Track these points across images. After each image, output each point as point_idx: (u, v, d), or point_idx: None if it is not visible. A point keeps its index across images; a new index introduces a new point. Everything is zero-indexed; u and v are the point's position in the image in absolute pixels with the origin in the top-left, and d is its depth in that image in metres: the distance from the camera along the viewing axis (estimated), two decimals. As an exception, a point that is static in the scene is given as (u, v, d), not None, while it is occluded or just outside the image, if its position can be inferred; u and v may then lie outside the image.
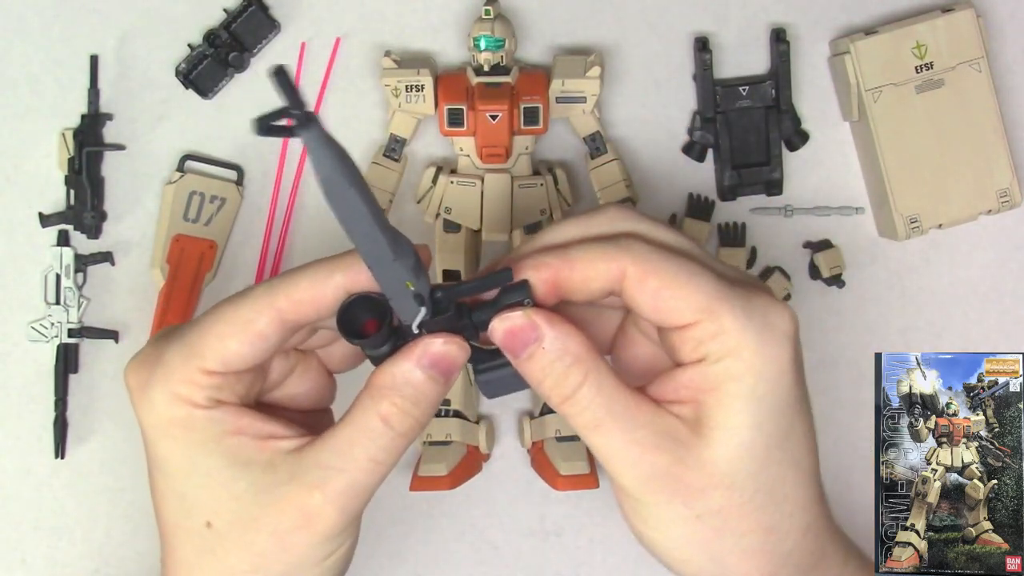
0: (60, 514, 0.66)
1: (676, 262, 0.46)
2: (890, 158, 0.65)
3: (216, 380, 0.47)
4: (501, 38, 0.63)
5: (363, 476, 0.46)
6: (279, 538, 0.46)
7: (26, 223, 0.66)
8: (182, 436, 0.47)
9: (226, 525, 0.47)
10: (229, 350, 0.46)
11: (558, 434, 0.64)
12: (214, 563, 0.47)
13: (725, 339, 0.45)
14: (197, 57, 0.65)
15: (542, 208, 0.64)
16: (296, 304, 0.46)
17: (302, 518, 0.46)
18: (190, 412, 0.46)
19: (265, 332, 0.46)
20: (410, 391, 0.46)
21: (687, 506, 0.46)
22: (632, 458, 0.46)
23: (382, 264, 0.44)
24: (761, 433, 0.46)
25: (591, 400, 0.46)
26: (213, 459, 0.47)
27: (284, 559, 0.46)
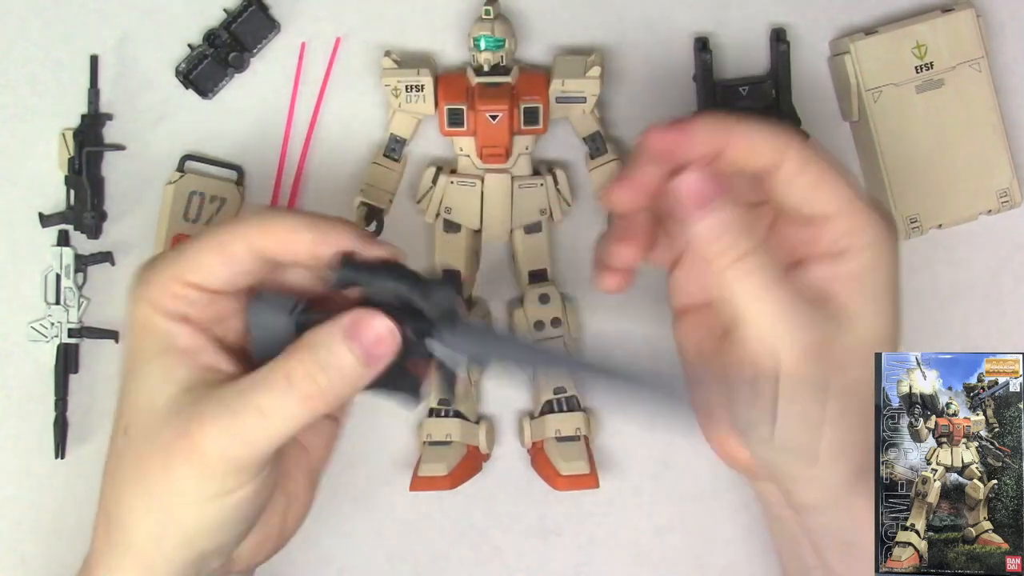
0: (60, 514, 0.66)
1: (828, 158, 0.50)
2: (890, 158, 0.65)
3: (190, 292, 0.48)
4: (501, 38, 0.63)
5: (248, 424, 0.46)
6: (165, 460, 0.47)
7: (26, 223, 0.66)
8: (139, 339, 0.49)
9: (135, 434, 0.48)
10: (203, 263, 0.48)
11: (558, 434, 0.64)
12: (118, 471, 0.49)
13: (864, 234, 0.50)
14: (197, 57, 0.65)
15: (542, 208, 0.64)
16: (267, 241, 0.48)
17: (186, 446, 0.46)
18: (152, 317, 0.48)
19: (238, 255, 0.48)
20: (324, 355, 0.46)
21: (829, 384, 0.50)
22: (791, 328, 0.49)
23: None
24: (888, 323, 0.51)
25: (761, 265, 0.49)
26: (151, 368, 0.48)
27: (166, 483, 0.47)
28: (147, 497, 0.48)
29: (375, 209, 0.65)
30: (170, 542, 0.48)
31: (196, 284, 0.48)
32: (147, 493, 0.48)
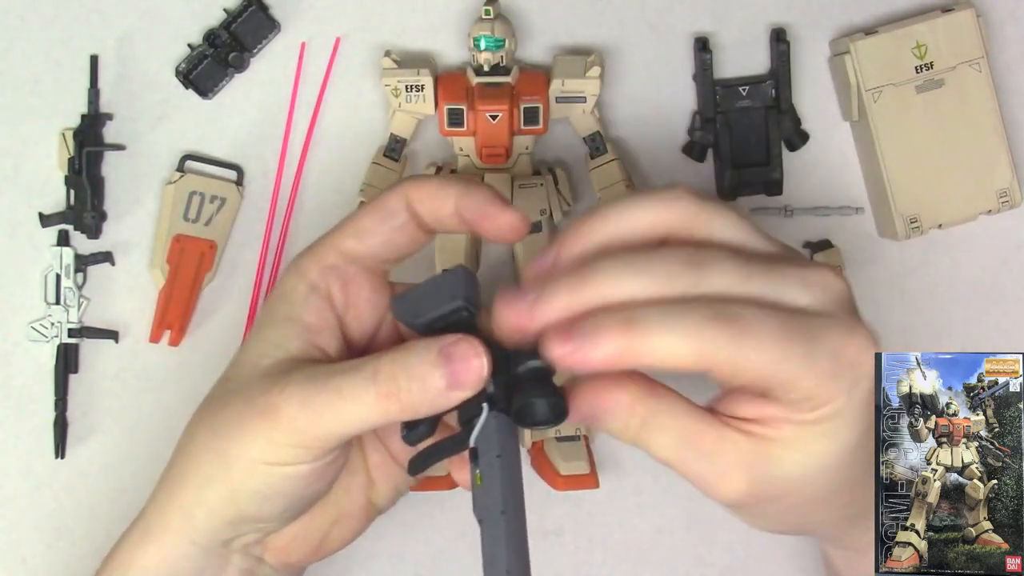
0: (60, 514, 0.66)
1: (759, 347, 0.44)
2: (890, 158, 0.65)
3: (341, 263, 0.51)
4: (501, 38, 0.63)
5: (323, 400, 0.47)
6: (241, 412, 0.48)
7: (26, 223, 0.66)
8: (276, 302, 0.51)
9: (231, 386, 0.50)
10: (363, 224, 0.51)
11: (558, 434, 0.64)
12: (203, 410, 0.51)
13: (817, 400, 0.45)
14: (197, 57, 0.65)
15: (542, 208, 0.64)
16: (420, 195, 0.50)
17: (263, 404, 0.47)
18: (296, 285, 0.50)
19: (395, 208, 0.50)
20: (413, 361, 0.47)
21: (765, 512, 0.49)
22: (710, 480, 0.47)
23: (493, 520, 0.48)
24: (840, 457, 0.47)
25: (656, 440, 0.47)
26: (270, 332, 0.50)
27: (235, 432, 0.48)
28: (213, 440, 0.49)
29: (375, 209, 0.65)
30: (216, 490, 0.49)
31: (352, 251, 0.50)
32: (214, 436, 0.49)
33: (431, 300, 0.49)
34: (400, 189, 0.50)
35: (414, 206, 0.50)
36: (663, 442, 0.47)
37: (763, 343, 0.43)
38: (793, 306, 0.45)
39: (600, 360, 0.44)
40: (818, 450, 0.46)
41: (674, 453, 0.47)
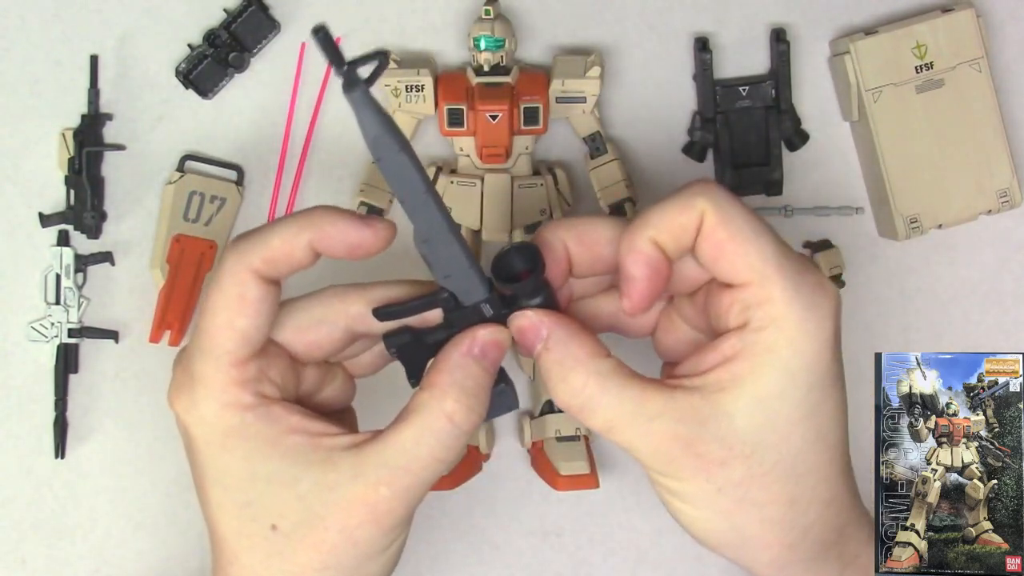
0: (60, 514, 0.66)
1: (744, 217, 0.46)
2: (890, 158, 0.65)
3: (250, 371, 0.48)
4: (501, 38, 0.63)
5: (427, 474, 0.47)
6: (347, 534, 0.47)
7: (26, 223, 0.66)
8: (240, 445, 0.47)
9: (292, 526, 0.47)
10: (236, 327, 0.47)
11: (558, 434, 0.64)
12: (282, 564, 0.48)
13: (771, 308, 0.46)
14: (197, 57, 0.65)
15: (542, 208, 0.64)
16: (270, 263, 0.47)
17: (369, 514, 0.47)
18: (242, 417, 0.47)
19: (252, 295, 0.47)
20: (470, 384, 0.48)
21: (709, 480, 0.47)
22: (651, 447, 0.47)
23: (438, 235, 0.46)
24: (786, 405, 0.46)
25: (596, 402, 0.47)
26: (274, 462, 0.47)
27: (353, 553, 0.47)
28: (334, 573, 0.48)
29: (375, 209, 0.65)
30: None
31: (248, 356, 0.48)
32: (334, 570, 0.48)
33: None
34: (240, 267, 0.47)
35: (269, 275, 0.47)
36: (606, 402, 0.47)
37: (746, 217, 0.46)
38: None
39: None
40: (766, 389, 0.46)
41: (618, 418, 0.47)
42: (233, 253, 0.48)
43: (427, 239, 0.46)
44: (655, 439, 0.47)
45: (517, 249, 0.48)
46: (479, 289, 0.48)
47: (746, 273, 0.46)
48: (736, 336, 0.47)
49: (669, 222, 0.47)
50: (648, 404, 0.47)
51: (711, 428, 0.46)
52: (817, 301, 0.47)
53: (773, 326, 0.46)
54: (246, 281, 0.47)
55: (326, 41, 0.41)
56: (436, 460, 0.47)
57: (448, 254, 0.47)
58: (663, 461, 0.47)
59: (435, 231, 0.46)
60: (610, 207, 0.65)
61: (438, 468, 0.48)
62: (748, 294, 0.46)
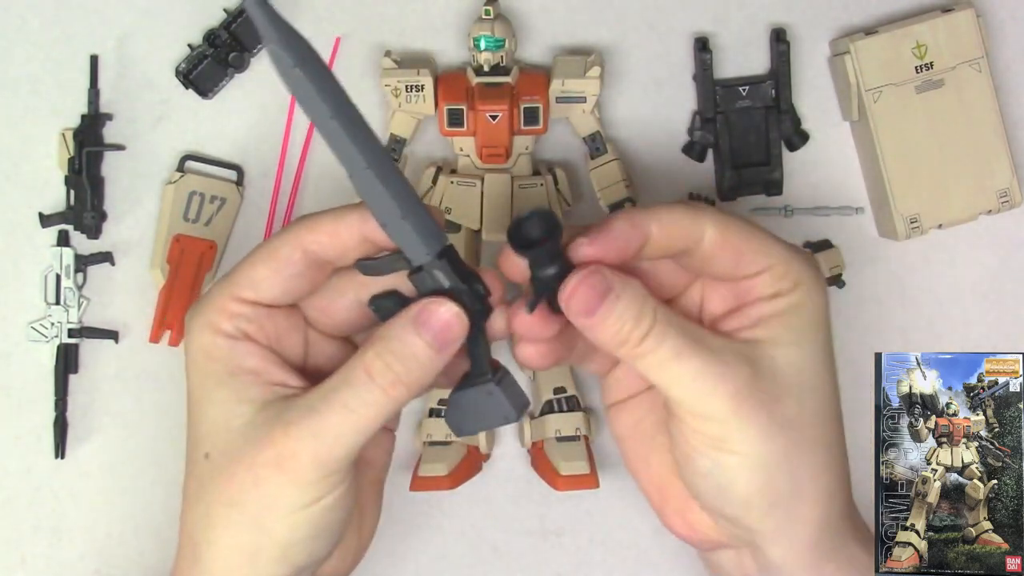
0: (60, 514, 0.66)
1: (748, 225, 0.51)
2: (890, 158, 0.65)
3: (247, 310, 0.49)
4: (501, 38, 0.63)
5: (336, 421, 0.47)
6: (253, 473, 0.47)
7: (26, 223, 0.66)
8: (204, 366, 0.49)
9: (218, 456, 0.49)
10: (258, 275, 0.49)
11: (558, 434, 0.64)
12: (203, 494, 0.49)
13: (795, 276, 0.50)
14: (197, 57, 0.65)
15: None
16: (315, 235, 0.49)
17: (275, 456, 0.47)
18: (214, 341, 0.49)
19: (290, 258, 0.49)
20: (396, 345, 0.47)
21: (770, 416, 0.48)
22: (717, 374, 0.48)
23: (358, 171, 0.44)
24: (819, 354, 0.50)
25: (666, 333, 0.48)
26: (222, 392, 0.49)
27: (257, 497, 0.47)
28: (237, 515, 0.48)
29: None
30: (265, 557, 0.48)
31: (251, 299, 0.49)
32: (239, 511, 0.48)
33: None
34: (292, 235, 0.49)
35: (312, 249, 0.49)
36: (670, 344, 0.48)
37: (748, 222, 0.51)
38: None
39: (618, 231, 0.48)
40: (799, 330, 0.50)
41: (671, 368, 0.48)
42: (292, 222, 0.50)
43: (351, 174, 0.43)
44: (721, 367, 0.48)
45: (535, 216, 0.46)
46: (419, 246, 0.46)
47: (767, 261, 0.50)
48: (766, 303, 0.50)
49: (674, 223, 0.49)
50: (712, 338, 0.49)
51: (765, 367, 0.49)
52: (814, 269, 0.51)
53: (798, 289, 0.50)
54: (287, 243, 0.49)
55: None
56: (344, 407, 0.47)
57: (375, 196, 0.44)
58: (730, 394, 0.48)
59: (354, 165, 0.42)
60: (610, 207, 0.65)
61: (348, 419, 0.47)
62: (772, 273, 0.50)
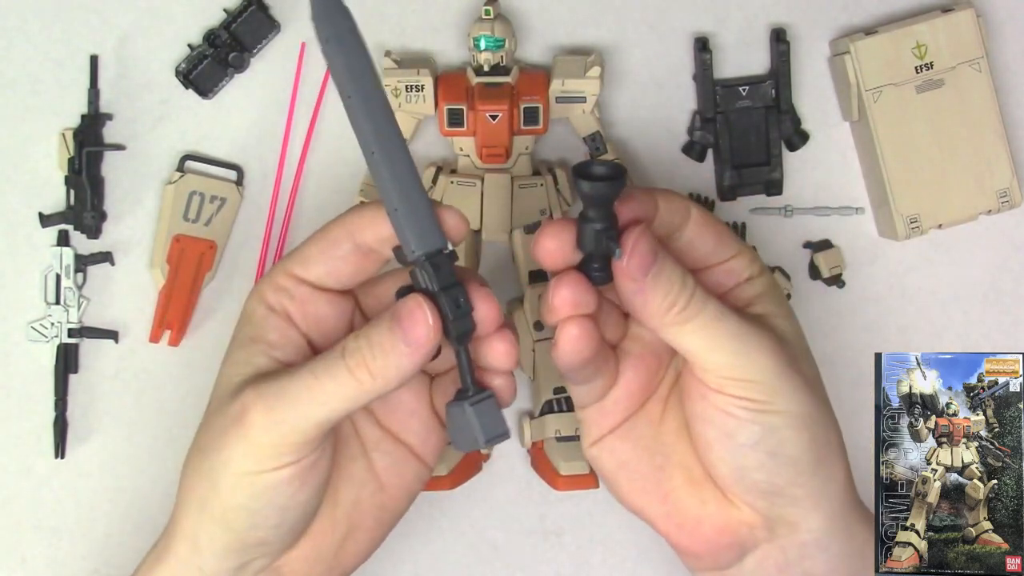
0: (60, 514, 0.66)
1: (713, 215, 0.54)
2: (890, 158, 0.65)
3: (291, 285, 0.51)
4: (501, 38, 0.63)
5: (297, 387, 0.48)
6: (220, 426, 0.49)
7: (26, 223, 0.66)
8: (241, 326, 0.52)
9: (211, 409, 0.51)
10: (309, 253, 0.51)
11: (558, 434, 0.64)
12: (197, 437, 0.52)
13: (757, 261, 0.53)
14: (197, 57, 0.65)
15: (542, 208, 0.64)
16: (362, 223, 0.50)
17: (238, 412, 0.49)
18: (256, 308, 0.51)
19: (337, 239, 0.51)
20: (373, 333, 0.48)
21: (802, 374, 0.51)
22: (757, 335, 0.50)
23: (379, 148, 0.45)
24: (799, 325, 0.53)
25: (707, 298, 0.50)
26: (240, 352, 0.51)
27: (216, 448, 0.49)
28: (200, 461, 0.50)
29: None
30: (208, 513, 0.50)
31: (300, 276, 0.51)
32: (202, 457, 0.50)
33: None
34: (343, 219, 0.51)
35: (357, 235, 0.50)
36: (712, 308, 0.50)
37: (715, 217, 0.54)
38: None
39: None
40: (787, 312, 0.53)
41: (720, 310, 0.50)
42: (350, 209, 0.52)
43: (365, 156, 0.45)
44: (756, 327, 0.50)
45: (603, 163, 0.48)
46: (409, 242, 0.47)
47: (735, 246, 0.53)
48: (748, 285, 0.52)
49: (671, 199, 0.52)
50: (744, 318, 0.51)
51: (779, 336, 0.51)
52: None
53: (764, 272, 0.53)
54: (335, 225, 0.51)
55: None
56: (311, 375, 0.48)
57: (380, 182, 0.46)
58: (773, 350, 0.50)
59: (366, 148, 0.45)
60: (610, 207, 0.65)
61: (312, 386, 0.48)
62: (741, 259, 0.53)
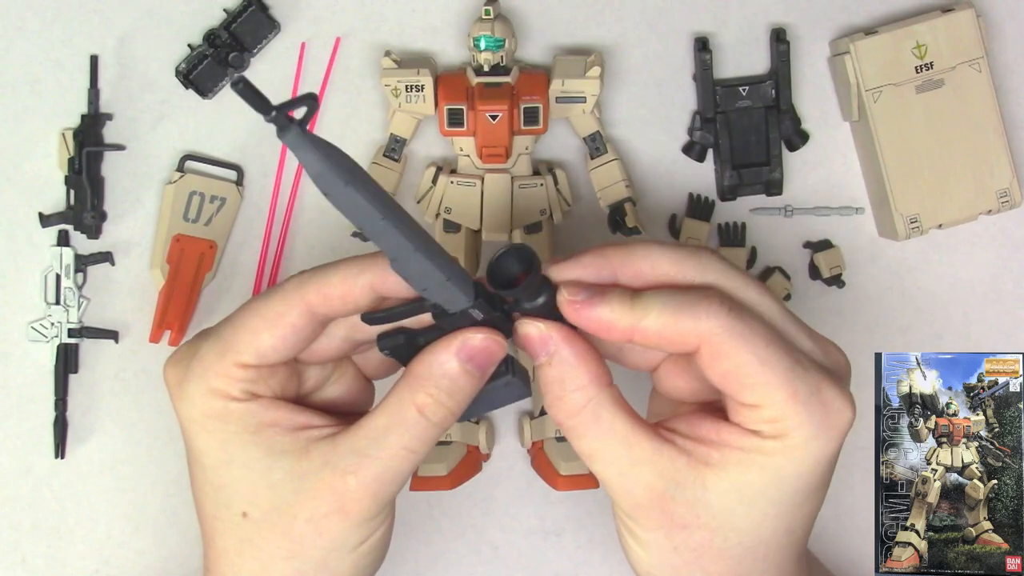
0: (60, 514, 0.66)
1: (748, 346, 0.45)
2: (890, 158, 0.65)
3: (250, 373, 0.48)
4: (501, 38, 0.63)
5: (396, 463, 0.47)
6: (314, 524, 0.47)
7: (26, 223, 0.66)
8: (219, 429, 0.48)
9: (262, 514, 0.47)
10: (262, 343, 0.47)
11: (558, 434, 0.64)
12: (252, 551, 0.48)
13: (780, 426, 0.45)
14: (197, 57, 0.65)
15: (542, 208, 0.64)
16: (326, 299, 0.47)
17: (336, 503, 0.47)
18: (226, 405, 0.48)
19: (296, 324, 0.47)
20: (446, 383, 0.47)
21: (668, 537, 0.47)
22: (624, 489, 0.47)
23: (405, 256, 0.44)
24: (765, 502, 0.47)
25: (587, 429, 0.47)
26: (249, 450, 0.48)
27: (319, 544, 0.47)
28: (303, 563, 0.48)
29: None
30: None
31: (254, 365, 0.48)
32: (302, 560, 0.48)
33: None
34: (298, 298, 0.47)
35: (318, 310, 0.48)
36: (595, 433, 0.47)
37: (755, 339, 0.45)
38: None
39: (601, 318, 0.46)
40: (751, 483, 0.46)
41: (602, 451, 0.47)
42: (294, 280, 0.48)
43: (395, 258, 0.44)
44: (630, 483, 0.47)
45: (511, 252, 0.47)
46: (461, 298, 0.46)
47: (756, 399, 0.45)
48: (740, 433, 0.46)
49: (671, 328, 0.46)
50: (635, 448, 0.47)
51: (687, 492, 0.46)
52: (830, 421, 0.46)
53: (779, 440, 0.46)
54: (294, 308, 0.47)
55: (248, 91, 0.40)
56: (404, 449, 0.47)
57: (421, 270, 0.45)
58: (631, 505, 0.47)
59: (402, 252, 0.44)
60: (610, 207, 0.65)
61: (407, 459, 0.47)
62: (758, 414, 0.46)
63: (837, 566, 0.64)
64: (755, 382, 0.45)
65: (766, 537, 0.47)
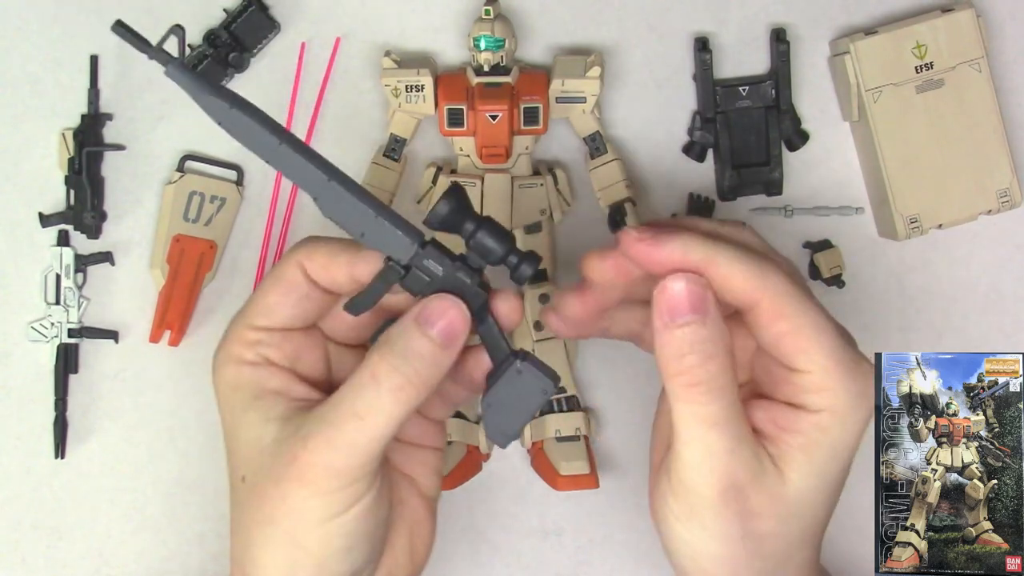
0: (60, 514, 0.66)
1: (806, 311, 0.47)
2: (890, 158, 0.65)
3: (263, 336, 0.50)
4: (501, 38, 0.63)
5: (347, 429, 0.47)
6: (281, 489, 0.47)
7: (26, 223, 0.66)
8: (232, 396, 0.50)
9: (252, 477, 0.49)
10: (268, 300, 0.50)
11: (558, 434, 0.64)
12: (242, 517, 0.50)
13: (829, 396, 0.47)
14: (197, 57, 0.65)
15: (542, 208, 0.64)
16: (311, 262, 0.50)
17: (296, 470, 0.47)
18: (239, 371, 0.50)
19: (293, 280, 0.50)
20: (401, 346, 0.47)
21: (742, 525, 0.48)
22: (722, 466, 0.47)
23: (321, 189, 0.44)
24: (826, 481, 0.49)
25: (716, 398, 0.47)
26: (250, 415, 0.49)
27: (286, 512, 0.47)
28: (272, 531, 0.48)
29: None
30: (302, 572, 0.48)
31: (265, 326, 0.51)
32: (272, 527, 0.48)
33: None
34: (293, 259, 0.50)
35: (309, 274, 0.50)
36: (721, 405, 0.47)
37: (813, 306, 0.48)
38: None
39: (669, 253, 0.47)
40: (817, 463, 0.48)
41: (694, 429, 0.47)
42: (296, 244, 0.51)
43: (317, 195, 0.44)
44: (731, 462, 0.47)
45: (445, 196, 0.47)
46: (403, 240, 0.45)
47: (807, 364, 0.47)
48: (792, 412, 0.48)
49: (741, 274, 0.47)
50: (745, 428, 0.48)
51: (768, 482, 0.48)
52: (865, 389, 0.48)
53: (829, 411, 0.47)
54: (290, 266, 0.50)
55: (127, 32, 0.43)
56: (354, 416, 0.46)
57: (348, 208, 0.44)
58: (721, 487, 0.47)
59: (321, 188, 0.43)
60: (610, 207, 0.65)
61: (359, 427, 0.46)
62: (807, 379, 0.48)
63: (837, 566, 0.64)
64: (809, 346, 0.47)
65: (822, 519, 0.50)
